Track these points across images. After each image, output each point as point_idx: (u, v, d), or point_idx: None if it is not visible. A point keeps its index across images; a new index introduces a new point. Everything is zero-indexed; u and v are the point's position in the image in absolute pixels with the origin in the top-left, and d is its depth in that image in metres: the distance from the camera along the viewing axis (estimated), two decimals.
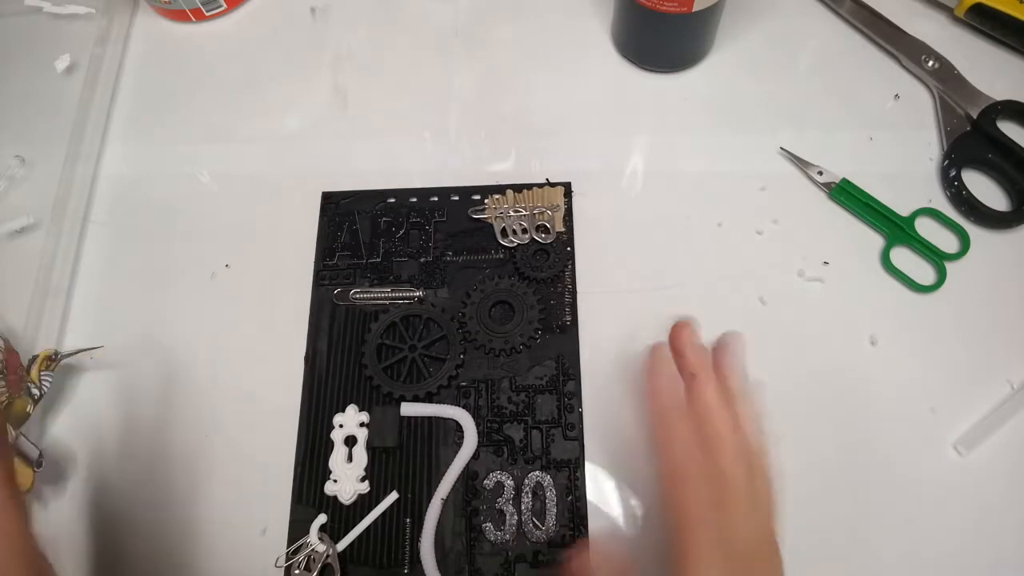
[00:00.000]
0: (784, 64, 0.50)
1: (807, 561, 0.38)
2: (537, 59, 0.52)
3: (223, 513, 0.40)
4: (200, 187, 0.50)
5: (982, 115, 0.46)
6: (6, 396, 0.41)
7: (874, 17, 0.50)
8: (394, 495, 0.40)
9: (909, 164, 0.47)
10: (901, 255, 0.44)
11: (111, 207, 0.49)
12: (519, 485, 0.39)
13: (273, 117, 0.52)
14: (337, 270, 0.45)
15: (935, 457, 0.39)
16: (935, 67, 0.48)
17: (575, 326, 0.43)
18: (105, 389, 0.44)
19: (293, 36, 0.54)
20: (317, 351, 0.43)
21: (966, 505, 0.38)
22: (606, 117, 0.49)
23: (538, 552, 0.38)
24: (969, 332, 0.42)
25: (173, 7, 0.53)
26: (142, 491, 0.41)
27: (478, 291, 0.44)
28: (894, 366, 0.41)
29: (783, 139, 0.47)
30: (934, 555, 0.38)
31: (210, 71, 0.54)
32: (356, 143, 0.50)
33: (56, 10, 0.55)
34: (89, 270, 0.47)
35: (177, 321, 0.45)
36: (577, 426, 0.41)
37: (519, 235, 0.45)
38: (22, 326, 0.44)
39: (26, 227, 0.48)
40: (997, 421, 0.39)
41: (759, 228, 0.45)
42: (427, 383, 0.42)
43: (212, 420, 0.43)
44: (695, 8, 0.43)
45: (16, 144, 0.51)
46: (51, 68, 0.53)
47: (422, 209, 0.47)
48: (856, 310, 0.43)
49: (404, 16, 0.54)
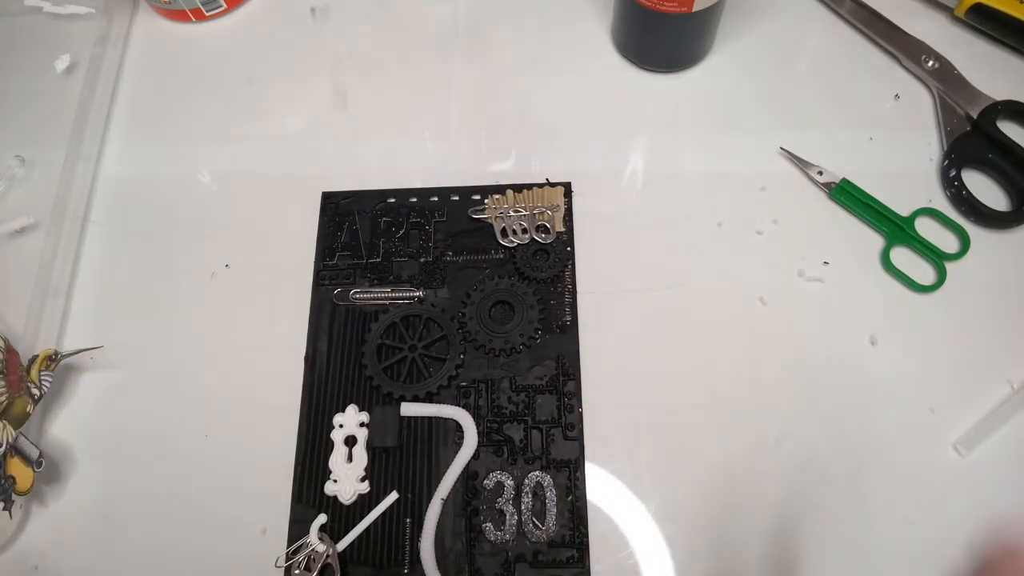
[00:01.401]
0: (784, 64, 0.50)
1: (807, 561, 0.38)
2: (537, 59, 0.52)
3: (223, 513, 0.40)
4: (200, 187, 0.50)
5: (982, 115, 0.46)
6: (6, 396, 0.41)
7: (874, 17, 0.50)
8: (394, 495, 0.40)
9: (909, 164, 0.47)
10: (901, 255, 0.44)
11: (111, 207, 0.49)
12: (519, 485, 0.39)
13: (273, 117, 0.52)
14: (337, 270, 0.45)
15: (935, 457, 0.39)
16: (935, 67, 0.48)
17: (575, 326, 0.43)
18: (105, 389, 0.44)
19: (293, 36, 0.54)
20: (317, 351, 0.43)
21: (966, 505, 0.38)
22: (606, 117, 0.49)
23: (538, 552, 0.38)
24: (969, 332, 0.42)
25: (173, 7, 0.53)
26: (142, 491, 0.41)
27: (478, 291, 0.44)
28: (894, 366, 0.41)
29: (783, 139, 0.47)
30: (934, 555, 0.38)
31: (210, 71, 0.53)
32: (356, 143, 0.50)
33: (56, 10, 0.55)
34: (89, 270, 0.47)
35: (177, 321, 0.45)
36: (577, 426, 0.41)
37: (519, 235, 0.45)
38: (22, 326, 0.44)
39: (26, 227, 0.48)
40: (997, 421, 0.39)
41: (759, 228, 0.45)
42: (427, 383, 0.42)
43: (212, 420, 0.43)
44: (695, 8, 0.43)
45: (16, 144, 0.51)
46: (51, 68, 0.53)
47: (422, 209, 0.47)
48: (856, 310, 0.43)
49: (404, 16, 0.54)
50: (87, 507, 0.41)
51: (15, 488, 0.39)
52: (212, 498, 0.41)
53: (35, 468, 0.40)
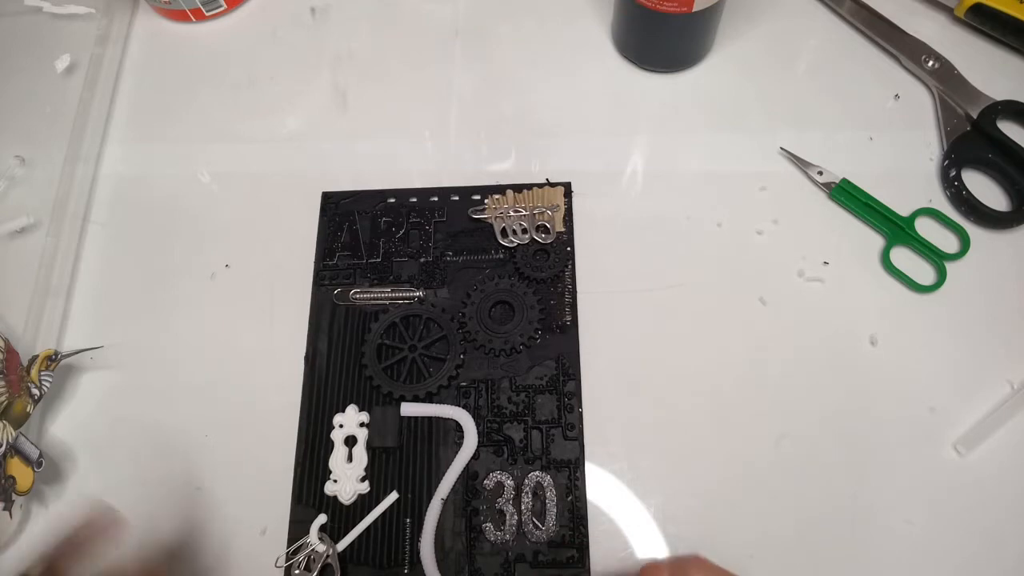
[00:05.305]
0: (784, 64, 0.50)
1: (807, 561, 0.38)
2: (537, 59, 0.52)
3: (223, 513, 0.40)
4: (200, 187, 0.50)
5: (982, 115, 0.46)
6: (6, 396, 0.41)
7: (874, 17, 0.50)
8: (394, 495, 0.40)
9: (909, 164, 0.47)
10: (901, 255, 0.44)
11: (111, 207, 0.49)
12: (519, 485, 0.39)
13: (273, 117, 0.52)
14: (337, 270, 0.45)
15: (935, 457, 0.39)
16: (935, 67, 0.48)
17: (575, 326, 0.43)
18: (105, 389, 0.44)
19: (293, 36, 0.54)
20: (317, 351, 0.43)
21: (966, 505, 0.38)
22: (606, 117, 0.49)
23: (538, 552, 0.38)
24: (969, 332, 0.42)
25: (173, 7, 0.53)
26: (142, 491, 0.41)
27: (478, 291, 0.44)
28: (894, 366, 0.41)
29: (783, 139, 0.47)
30: (934, 555, 0.38)
31: (210, 71, 0.54)
32: (356, 143, 0.50)
33: (56, 10, 0.55)
34: (89, 270, 0.47)
35: (177, 321, 0.45)
36: (577, 426, 0.41)
37: (519, 235, 0.45)
38: (22, 326, 0.44)
39: (26, 227, 0.48)
40: (997, 421, 0.39)
41: (759, 228, 0.45)
42: (427, 383, 0.42)
43: (212, 420, 0.43)
44: (695, 8, 0.43)
45: (16, 144, 0.51)
46: (51, 68, 0.53)
47: (422, 209, 0.47)
48: (856, 310, 0.43)
49: (404, 16, 0.54)
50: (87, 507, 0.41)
51: (15, 488, 0.39)
52: (212, 498, 0.41)
53: (35, 468, 0.40)
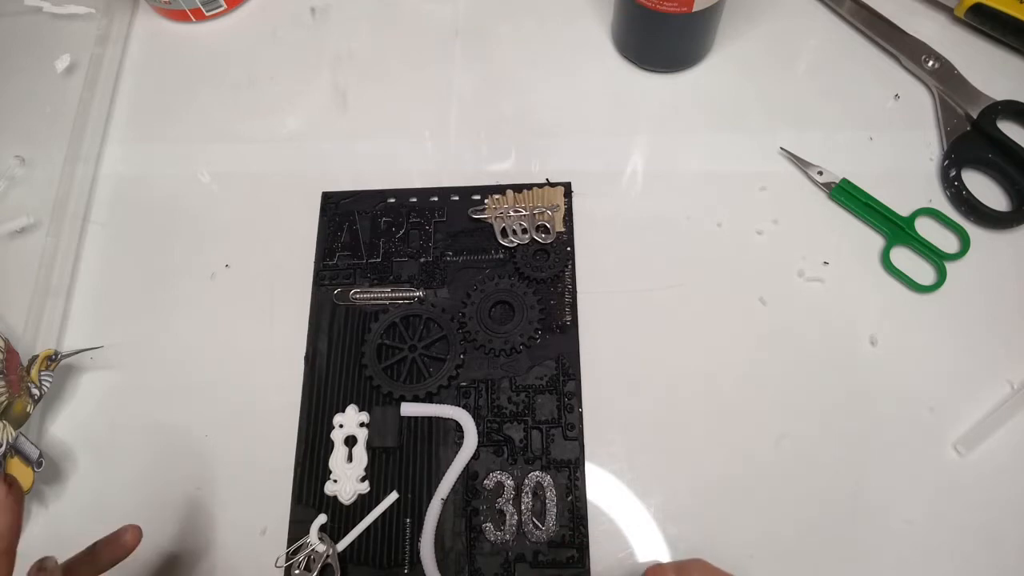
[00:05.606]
0: (784, 64, 0.50)
1: (807, 561, 0.38)
2: (537, 59, 0.52)
3: (223, 513, 0.41)
4: (200, 187, 0.50)
5: (982, 115, 0.46)
6: (6, 396, 0.41)
7: (874, 17, 0.50)
8: (394, 495, 0.40)
9: (909, 164, 0.47)
10: (901, 255, 0.44)
11: (111, 207, 0.49)
12: (519, 485, 0.39)
13: (273, 117, 0.52)
14: (337, 270, 0.45)
15: (935, 457, 0.39)
16: (935, 67, 0.48)
17: (575, 326, 0.43)
18: (105, 389, 0.44)
19: (293, 36, 0.54)
20: (317, 351, 0.43)
21: (966, 505, 0.38)
22: (606, 117, 0.49)
23: (538, 552, 0.38)
24: (969, 332, 0.42)
25: (173, 7, 0.53)
26: (142, 491, 0.41)
27: (478, 291, 0.44)
28: (894, 366, 0.41)
29: (783, 139, 0.47)
30: (934, 555, 0.38)
31: (210, 71, 0.54)
32: (356, 143, 0.50)
33: (56, 10, 0.55)
34: (89, 270, 0.48)
35: (177, 321, 0.45)
36: (577, 426, 0.41)
37: (519, 235, 0.45)
38: (22, 326, 0.45)
39: (26, 227, 0.48)
40: (997, 421, 0.39)
41: (759, 228, 0.45)
42: (427, 383, 0.42)
43: (212, 420, 0.43)
44: (695, 8, 0.43)
45: (16, 144, 0.51)
46: (51, 68, 0.53)
47: (422, 209, 0.47)
48: (856, 310, 0.43)
49: (404, 16, 0.54)
50: (87, 507, 0.41)
51: None
52: (212, 498, 0.41)
53: (35, 468, 0.40)
